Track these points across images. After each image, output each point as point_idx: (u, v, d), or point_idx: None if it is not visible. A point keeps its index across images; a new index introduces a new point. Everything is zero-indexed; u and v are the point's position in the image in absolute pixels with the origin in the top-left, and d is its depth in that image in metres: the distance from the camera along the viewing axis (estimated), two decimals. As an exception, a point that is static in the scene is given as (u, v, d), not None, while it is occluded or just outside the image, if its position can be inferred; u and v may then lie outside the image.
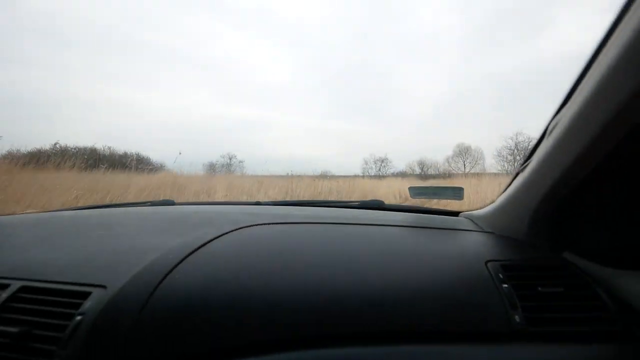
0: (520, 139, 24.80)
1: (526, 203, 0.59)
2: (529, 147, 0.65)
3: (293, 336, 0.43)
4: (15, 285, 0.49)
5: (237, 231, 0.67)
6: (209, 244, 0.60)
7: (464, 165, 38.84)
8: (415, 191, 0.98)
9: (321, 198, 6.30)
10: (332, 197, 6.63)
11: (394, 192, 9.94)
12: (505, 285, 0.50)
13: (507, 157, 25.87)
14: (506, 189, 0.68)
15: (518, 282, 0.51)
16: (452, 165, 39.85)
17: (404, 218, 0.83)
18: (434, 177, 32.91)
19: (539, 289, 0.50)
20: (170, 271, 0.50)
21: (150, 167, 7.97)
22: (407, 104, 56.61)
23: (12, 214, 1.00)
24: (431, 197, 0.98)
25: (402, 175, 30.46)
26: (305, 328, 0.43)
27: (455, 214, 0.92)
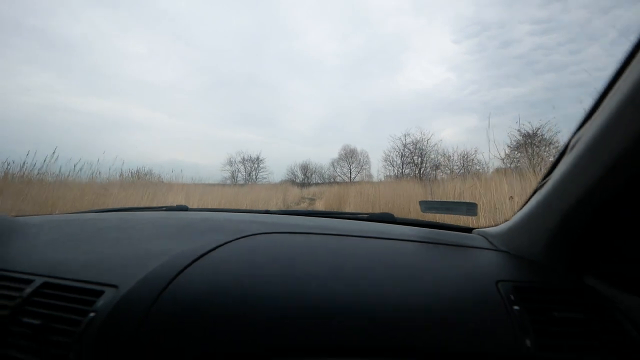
0: (409, 140, 21.87)
1: (544, 222, 0.55)
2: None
3: (290, 345, 0.43)
4: (38, 281, 0.54)
5: (243, 239, 0.67)
6: (215, 250, 0.61)
7: (350, 170, 34.40)
8: (427, 205, 0.93)
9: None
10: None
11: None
12: (517, 308, 0.47)
13: (395, 161, 22.70)
14: (523, 206, 0.63)
15: (531, 306, 0.48)
16: (338, 170, 35.48)
17: (414, 232, 0.78)
18: (316, 184, 28.36)
19: (555, 314, 0.46)
20: (177, 275, 0.51)
21: None
22: (295, 118, 59.77)
23: (37, 215, 1.06)
24: (443, 212, 0.91)
25: (290, 183, 24.33)
26: (303, 338, 0.43)
27: (469, 230, 0.86)
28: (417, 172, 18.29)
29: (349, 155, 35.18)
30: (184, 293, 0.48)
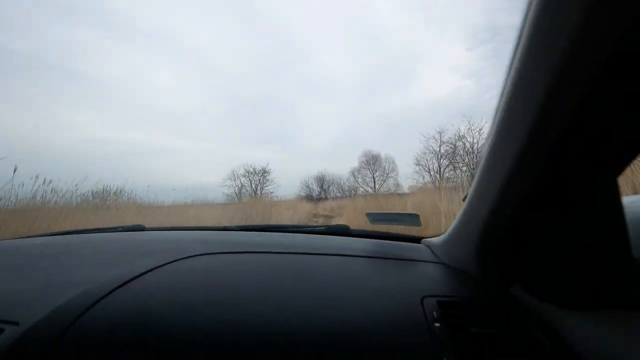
0: (446, 137, 17.13)
1: (469, 235, 0.56)
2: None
3: None
4: None
5: (180, 261, 0.64)
6: (143, 276, 0.57)
7: (374, 179, 28.00)
8: (374, 217, 0.97)
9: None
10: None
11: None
12: (438, 325, 0.47)
13: (428, 166, 17.83)
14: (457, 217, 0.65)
15: (452, 321, 0.48)
16: (360, 180, 29.20)
17: (364, 246, 0.81)
18: (334, 198, 24.03)
19: (472, 329, 0.46)
20: (90, 307, 0.47)
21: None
22: (312, 134, 58.67)
23: None
24: (390, 223, 0.97)
25: (303, 199, 20.55)
26: None
27: (418, 240, 0.90)
28: (469, 175, 13.71)
29: (371, 162, 28.93)
30: (95, 327, 0.44)
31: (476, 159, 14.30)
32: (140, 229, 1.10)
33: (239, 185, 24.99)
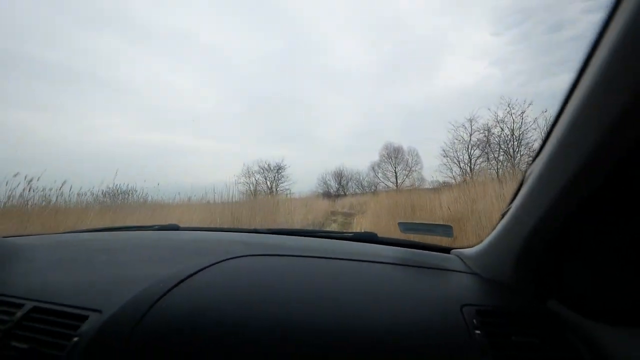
0: (476, 126, 15.51)
1: (509, 247, 0.56)
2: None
3: None
4: (28, 305, 0.55)
5: (228, 261, 0.69)
6: (199, 273, 0.62)
7: (395, 174, 25.94)
8: (406, 227, 0.96)
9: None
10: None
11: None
12: (478, 332, 0.48)
13: (457, 157, 16.24)
14: (493, 229, 0.65)
15: (492, 330, 0.49)
16: (380, 175, 27.34)
17: (394, 253, 0.82)
18: (353, 194, 22.87)
19: (513, 338, 0.48)
20: (158, 300, 0.53)
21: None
22: (330, 131, 57.39)
23: (30, 235, 1.10)
24: (421, 233, 0.98)
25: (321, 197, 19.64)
26: None
27: (447, 250, 0.89)
28: (510, 164, 12.13)
29: (393, 156, 26.82)
30: (164, 318, 0.49)
31: (519, 146, 12.75)
32: (175, 228, 1.16)
33: (254, 183, 24.15)
